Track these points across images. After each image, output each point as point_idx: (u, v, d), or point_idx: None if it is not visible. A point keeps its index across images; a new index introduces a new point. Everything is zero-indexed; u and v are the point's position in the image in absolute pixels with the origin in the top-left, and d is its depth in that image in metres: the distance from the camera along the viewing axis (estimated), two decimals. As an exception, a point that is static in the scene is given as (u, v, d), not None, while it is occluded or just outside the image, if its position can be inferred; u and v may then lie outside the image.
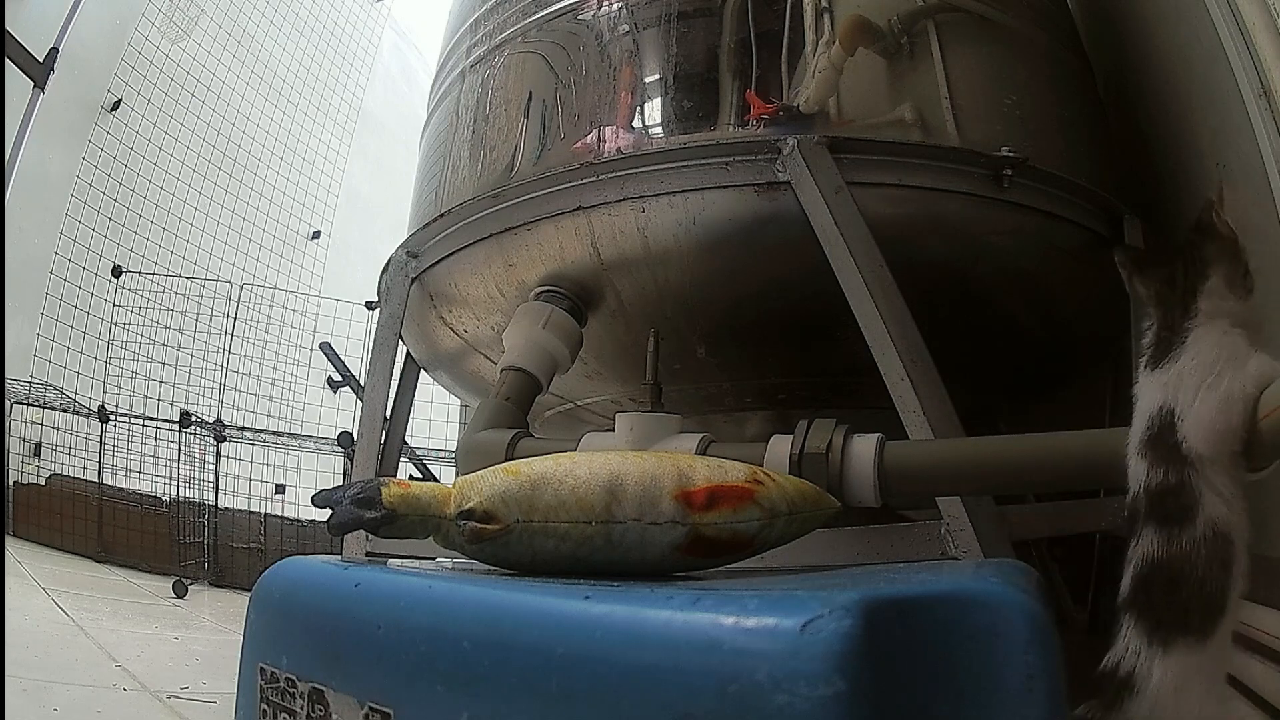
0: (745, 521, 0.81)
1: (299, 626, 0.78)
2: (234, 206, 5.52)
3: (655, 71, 1.71)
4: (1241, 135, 1.44)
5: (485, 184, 1.81)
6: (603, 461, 0.82)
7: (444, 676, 0.65)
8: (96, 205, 4.61)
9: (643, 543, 0.79)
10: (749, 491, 0.82)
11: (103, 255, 4.58)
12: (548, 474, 0.81)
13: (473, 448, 1.48)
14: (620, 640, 0.58)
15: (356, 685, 0.70)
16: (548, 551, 0.79)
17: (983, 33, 1.76)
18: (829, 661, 0.52)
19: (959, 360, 1.49)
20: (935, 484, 1.26)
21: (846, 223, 1.43)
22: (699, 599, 0.59)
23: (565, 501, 0.79)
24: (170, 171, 5.13)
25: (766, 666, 0.53)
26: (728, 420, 1.97)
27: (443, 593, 0.71)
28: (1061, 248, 1.72)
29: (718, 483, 0.81)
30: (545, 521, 0.79)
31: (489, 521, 0.78)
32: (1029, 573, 0.75)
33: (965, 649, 0.58)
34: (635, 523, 0.79)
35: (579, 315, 1.72)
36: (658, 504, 0.79)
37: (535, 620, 0.63)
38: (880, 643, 0.54)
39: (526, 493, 0.79)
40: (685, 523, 0.79)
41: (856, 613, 0.53)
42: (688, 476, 0.81)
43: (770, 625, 0.54)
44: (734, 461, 0.87)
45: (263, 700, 0.79)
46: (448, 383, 2.43)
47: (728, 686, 0.53)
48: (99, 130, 4.73)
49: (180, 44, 5.25)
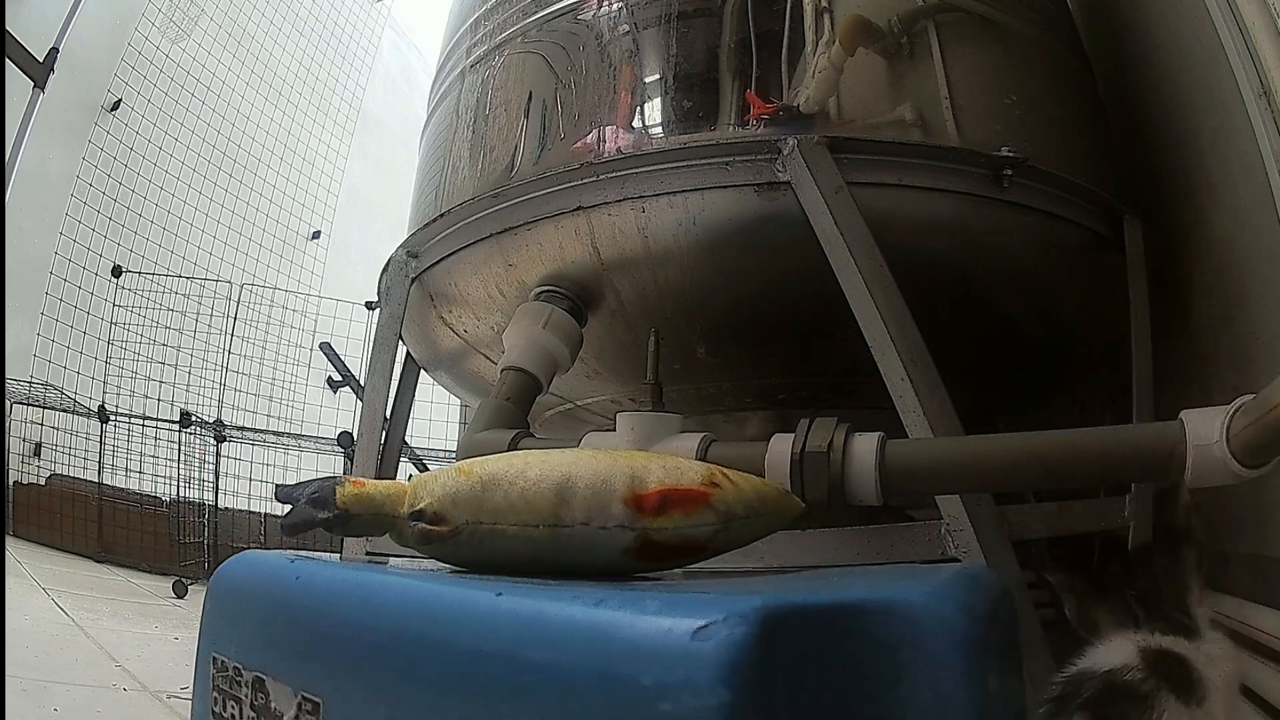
0: (697, 526, 0.78)
1: (246, 618, 0.79)
2: (234, 206, 5.53)
3: (655, 71, 1.71)
4: (1241, 135, 1.44)
5: (485, 184, 1.81)
6: (555, 462, 0.80)
7: (366, 668, 0.65)
8: (96, 205, 4.61)
9: (591, 546, 0.77)
10: (703, 495, 0.79)
11: (103, 255, 4.58)
12: (499, 475, 0.79)
13: (473, 448, 1.48)
14: (523, 638, 0.57)
15: (292, 674, 0.71)
16: (499, 552, 0.78)
17: (983, 33, 1.76)
18: (716, 671, 0.50)
19: (959, 360, 1.49)
20: (937, 482, 1.26)
21: (846, 223, 1.43)
22: (602, 599, 0.57)
23: (514, 504, 0.77)
24: (170, 171, 5.14)
25: (655, 672, 0.51)
26: (728, 420, 1.97)
27: (372, 586, 0.71)
28: (1061, 248, 1.72)
29: (671, 485, 0.78)
30: (493, 524, 0.77)
31: (438, 523, 0.78)
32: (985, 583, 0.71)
33: (877, 661, 0.56)
34: (583, 527, 0.77)
35: (579, 315, 1.72)
36: (607, 508, 0.77)
37: (448, 615, 0.63)
38: (777, 653, 0.51)
39: (477, 494, 0.78)
40: (634, 527, 0.77)
41: (753, 621, 0.51)
42: (640, 479, 0.78)
43: (663, 629, 0.52)
44: (694, 462, 0.84)
45: (214, 688, 0.80)
46: (448, 383, 2.43)
47: (617, 690, 0.52)
48: (99, 130, 4.74)
49: (180, 44, 5.25)
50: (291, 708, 0.70)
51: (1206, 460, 1.01)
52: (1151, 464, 1.12)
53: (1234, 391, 1.02)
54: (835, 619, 0.56)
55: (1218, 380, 1.78)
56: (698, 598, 0.56)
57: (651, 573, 0.84)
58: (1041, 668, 1.26)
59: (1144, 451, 1.11)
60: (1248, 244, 1.57)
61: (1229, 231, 1.68)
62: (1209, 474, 1.02)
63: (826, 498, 1.17)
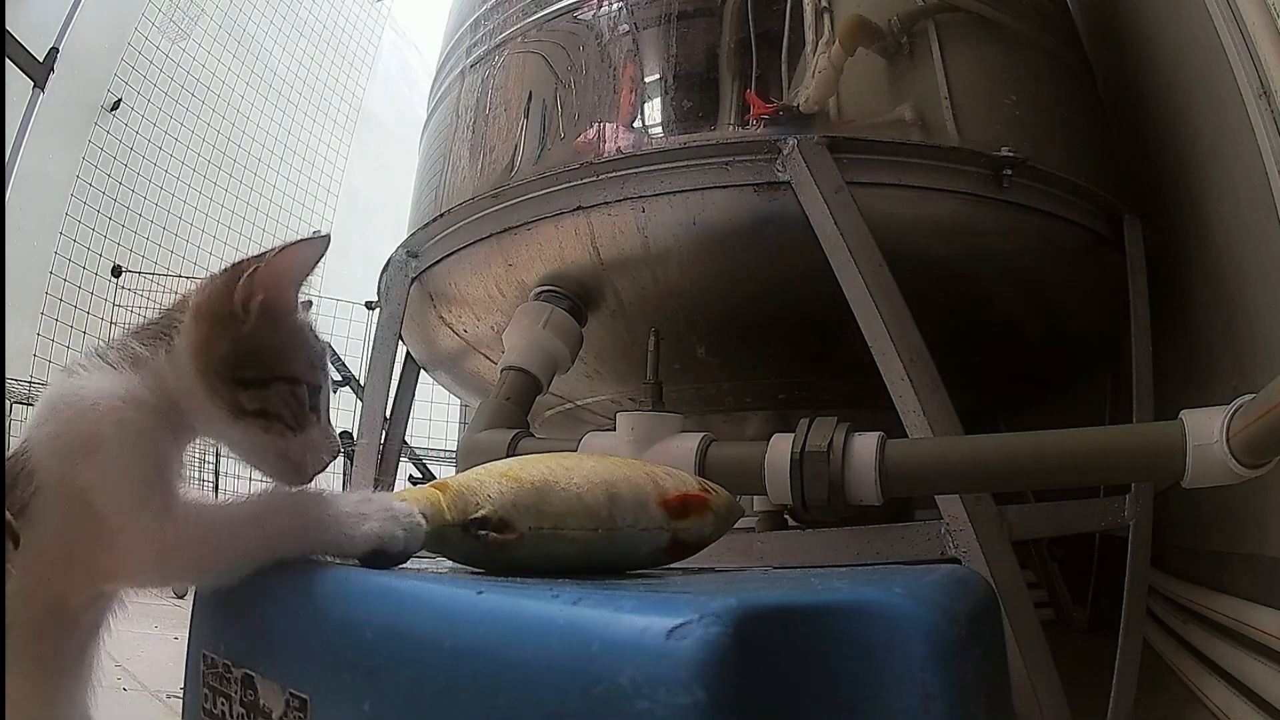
0: (704, 526, 0.88)
1: (235, 615, 0.79)
2: (234, 206, 5.53)
3: (655, 71, 1.71)
4: (1242, 135, 1.44)
5: (485, 184, 1.81)
6: (593, 467, 0.85)
7: (350, 665, 0.65)
8: (96, 205, 4.61)
9: (635, 546, 0.83)
10: (706, 499, 0.89)
11: (103, 255, 4.57)
12: (549, 480, 0.82)
13: (474, 448, 1.48)
14: (501, 635, 0.58)
15: (280, 671, 0.72)
16: (559, 556, 0.81)
17: (982, 32, 1.77)
18: (691, 669, 0.50)
19: (959, 360, 1.49)
20: (936, 482, 1.26)
21: (846, 223, 1.43)
22: (581, 597, 0.58)
23: (573, 509, 0.81)
24: (170, 171, 5.13)
25: (630, 670, 0.51)
26: (727, 420, 1.97)
27: (357, 585, 0.71)
28: (1061, 247, 1.73)
29: (684, 491, 0.87)
30: (554, 528, 0.80)
31: (504, 530, 0.79)
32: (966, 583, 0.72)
33: (855, 663, 0.56)
34: (630, 529, 0.83)
35: (579, 315, 1.72)
36: (648, 510, 0.84)
37: (429, 612, 0.63)
38: (753, 653, 0.52)
39: (535, 500, 0.80)
40: (669, 528, 0.84)
41: (728, 620, 0.51)
42: (661, 485, 0.86)
43: (639, 628, 0.52)
44: (681, 471, 0.93)
45: (205, 685, 0.80)
46: (447, 382, 2.44)
47: (593, 688, 0.52)
48: (99, 130, 4.73)
49: (180, 44, 5.25)
50: (280, 705, 0.70)
51: (1206, 460, 1.02)
52: (1151, 464, 1.13)
53: (1234, 392, 1.03)
54: (811, 619, 0.56)
55: (1218, 380, 1.78)
56: (674, 597, 0.56)
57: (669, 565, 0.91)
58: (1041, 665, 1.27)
59: (1144, 451, 1.11)
60: (1248, 244, 1.57)
61: (1229, 231, 1.68)
62: (1209, 474, 1.03)
63: (827, 497, 1.17)
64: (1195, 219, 1.87)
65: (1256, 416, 0.95)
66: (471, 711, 0.57)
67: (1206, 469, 1.02)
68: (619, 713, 0.51)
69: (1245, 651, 1.42)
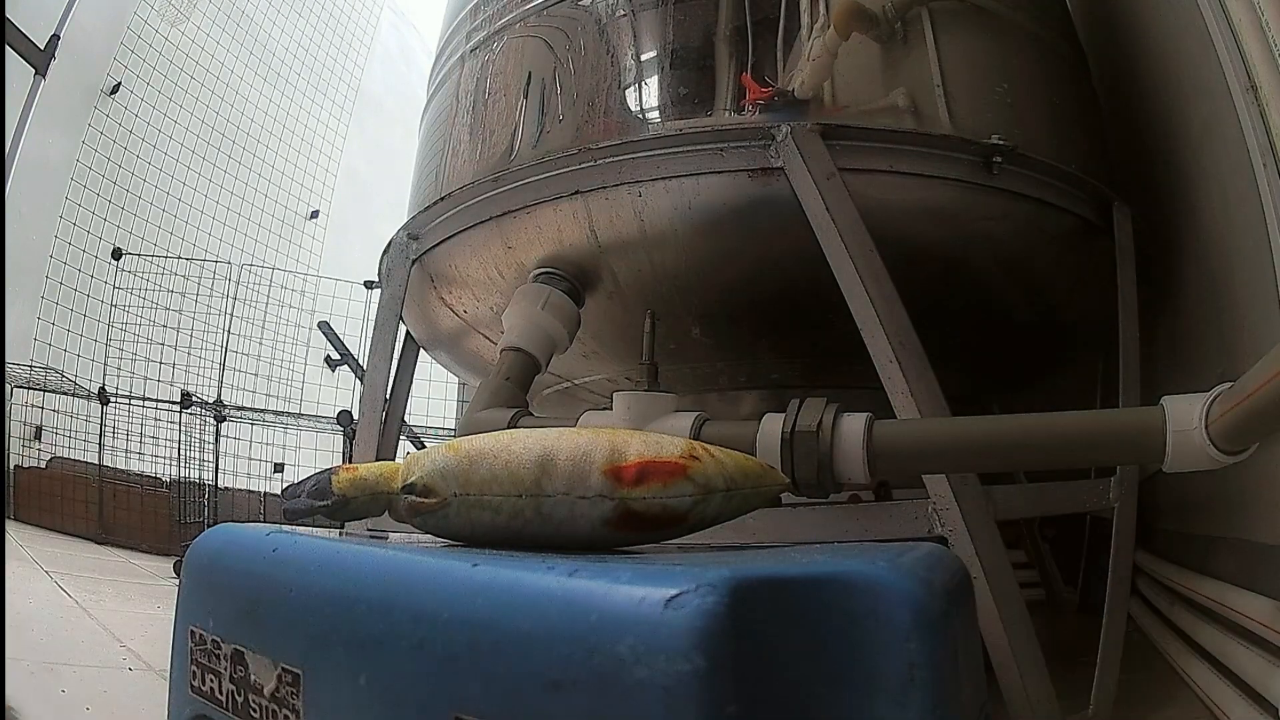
0: (676, 497, 0.80)
1: (224, 591, 0.80)
2: (233, 187, 5.53)
3: (652, 57, 1.73)
4: (1230, 126, 1.46)
5: (485, 168, 1.83)
6: (538, 438, 0.83)
7: (345, 638, 0.67)
8: (96, 189, 4.61)
9: (572, 516, 0.80)
10: (681, 467, 0.81)
11: (102, 238, 4.58)
12: (485, 450, 0.83)
13: (474, 426, 1.50)
14: (499, 607, 0.59)
15: (271, 646, 0.73)
16: (484, 524, 0.81)
17: (976, 21, 1.78)
18: (690, 638, 0.51)
19: (950, 344, 1.52)
20: (923, 462, 1.29)
21: (838, 208, 1.46)
22: (577, 569, 0.59)
23: (498, 475, 0.80)
24: (169, 154, 5.13)
25: (630, 639, 0.53)
26: (722, 399, 1.99)
27: (347, 557, 0.72)
28: (1051, 234, 1.75)
29: (650, 458, 0.81)
30: (479, 495, 0.80)
31: (427, 495, 0.82)
32: (943, 561, 0.74)
33: (843, 633, 0.58)
34: (564, 496, 0.79)
35: (577, 296, 1.74)
36: (587, 478, 0.79)
37: (424, 585, 0.65)
38: (747, 622, 0.53)
39: (464, 468, 0.82)
40: (613, 497, 0.79)
41: (723, 590, 0.53)
42: (620, 452, 0.81)
43: (637, 598, 0.54)
44: (674, 438, 0.86)
45: (193, 661, 0.81)
46: (447, 362, 2.46)
47: (593, 657, 0.53)
48: (98, 114, 4.73)
49: (179, 27, 5.23)
50: (272, 680, 0.72)
51: (1186, 445, 1.04)
52: (1132, 448, 1.15)
53: (1220, 378, 1.04)
54: (801, 590, 0.58)
55: (1205, 366, 1.80)
56: (670, 569, 0.58)
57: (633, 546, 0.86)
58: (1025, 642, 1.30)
59: (1125, 435, 1.13)
60: (1235, 232, 1.58)
61: (1217, 220, 1.70)
62: (1188, 459, 1.04)
63: (816, 476, 1.20)
64: (1184, 207, 1.88)
65: (1234, 404, 0.96)
66: (471, 682, 0.59)
67: (1186, 454, 1.04)
68: (618, 681, 0.52)
69: (1228, 635, 1.44)
